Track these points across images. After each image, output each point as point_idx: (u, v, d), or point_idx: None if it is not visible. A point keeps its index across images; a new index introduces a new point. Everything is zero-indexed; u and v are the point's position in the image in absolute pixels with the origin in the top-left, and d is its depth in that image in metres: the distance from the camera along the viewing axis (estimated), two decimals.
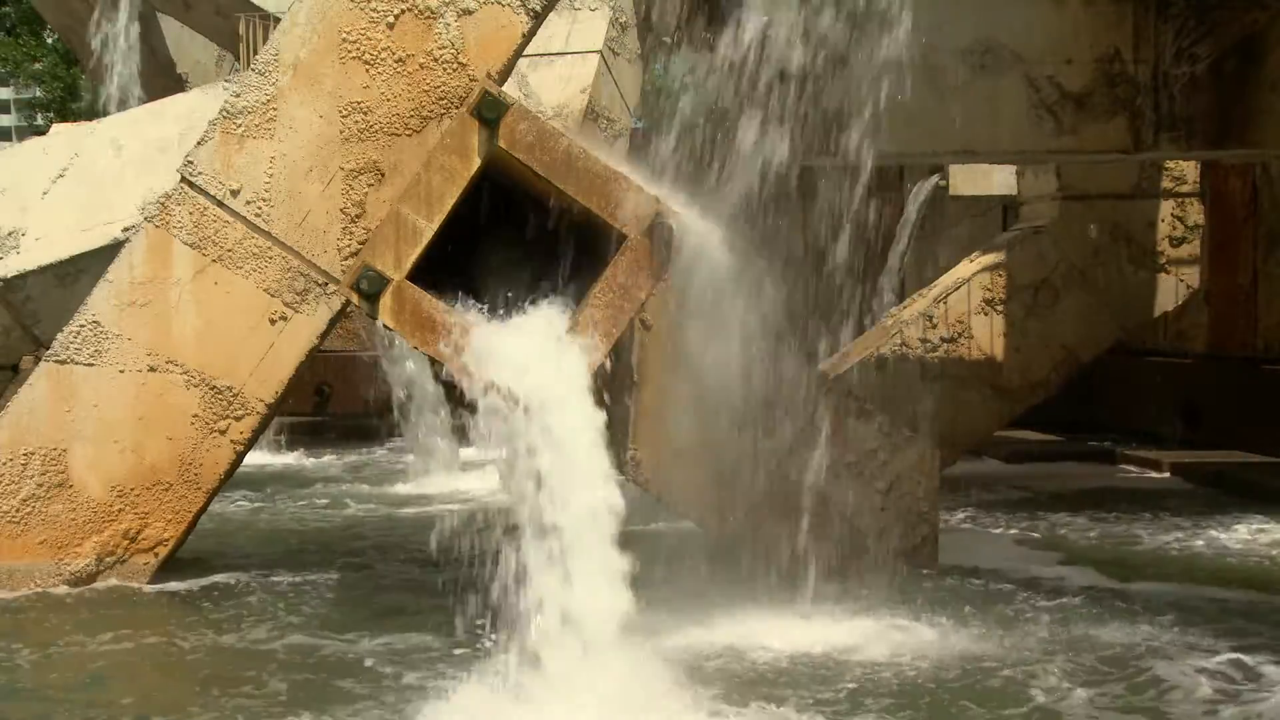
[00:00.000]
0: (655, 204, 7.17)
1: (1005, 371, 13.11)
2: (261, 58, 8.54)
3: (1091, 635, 7.32)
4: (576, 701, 5.86)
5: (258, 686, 6.49)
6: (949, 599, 8.16)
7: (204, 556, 9.18)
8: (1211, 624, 7.54)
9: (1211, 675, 6.52)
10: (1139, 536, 10.51)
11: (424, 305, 7.21)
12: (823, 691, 6.34)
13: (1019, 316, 13.12)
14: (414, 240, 7.32)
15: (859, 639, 7.23)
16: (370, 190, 8.40)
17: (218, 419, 8.50)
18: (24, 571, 8.35)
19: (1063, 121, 10.00)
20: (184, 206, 8.49)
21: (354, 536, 10.53)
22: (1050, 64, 9.97)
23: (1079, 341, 13.26)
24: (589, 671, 5.96)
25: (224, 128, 8.48)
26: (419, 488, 13.34)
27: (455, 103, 8.28)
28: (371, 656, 6.98)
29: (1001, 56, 9.88)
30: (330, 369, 16.90)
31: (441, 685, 6.25)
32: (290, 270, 8.46)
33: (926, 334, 13.05)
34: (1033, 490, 12.84)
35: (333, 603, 8.15)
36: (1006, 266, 13.22)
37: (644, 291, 7.22)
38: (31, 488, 8.40)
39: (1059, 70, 9.97)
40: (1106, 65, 9.98)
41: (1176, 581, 8.79)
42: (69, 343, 8.48)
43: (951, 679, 6.56)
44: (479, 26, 8.36)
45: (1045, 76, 9.98)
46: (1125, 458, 14.63)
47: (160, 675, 6.81)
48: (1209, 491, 12.64)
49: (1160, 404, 15.96)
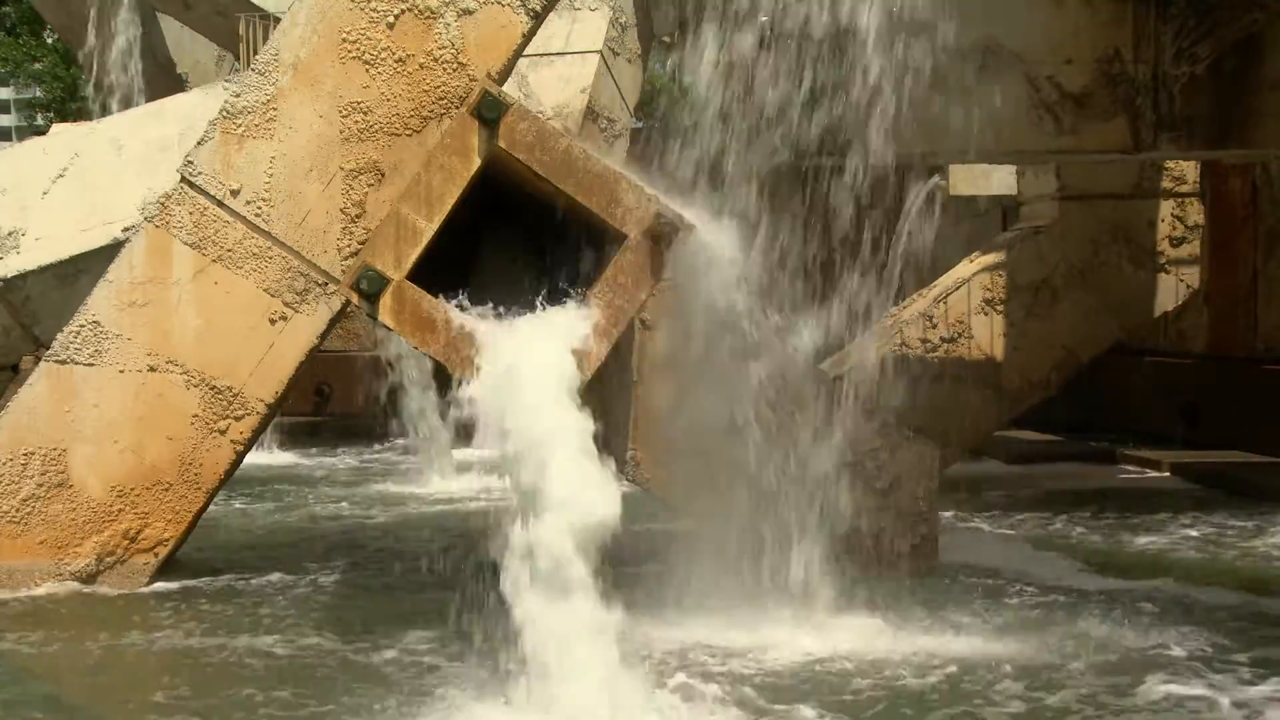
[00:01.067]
0: (655, 204, 7.17)
1: (1005, 371, 13.11)
2: (261, 58, 8.54)
3: (1095, 635, 7.31)
4: (571, 709, 5.85)
5: (257, 688, 6.48)
6: (949, 599, 8.16)
7: (204, 557, 9.18)
8: (1212, 623, 7.54)
9: (1212, 674, 6.52)
10: (1139, 536, 10.50)
11: (424, 305, 7.21)
12: (827, 695, 6.34)
13: (1019, 316, 13.12)
14: (414, 240, 7.31)
15: (859, 639, 7.23)
16: (370, 190, 8.40)
17: (218, 419, 8.50)
18: (24, 571, 8.35)
19: (1063, 121, 10.01)
20: (184, 206, 8.49)
21: (354, 537, 10.53)
22: (1050, 64, 9.98)
23: (1079, 341, 13.27)
24: (584, 676, 5.94)
25: (224, 128, 8.48)
26: (419, 488, 13.34)
27: (455, 103, 8.28)
28: (372, 658, 6.98)
29: (1001, 56, 9.88)
30: (330, 369, 16.90)
31: (442, 690, 6.25)
32: (290, 270, 8.46)
33: (926, 334, 13.05)
34: (1033, 490, 12.84)
35: (333, 604, 8.15)
36: (1006, 266, 13.22)
37: (644, 291, 7.22)
38: (31, 488, 8.40)
39: (1059, 70, 9.98)
40: (1106, 65, 9.99)
41: (1177, 581, 8.78)
42: (69, 343, 8.48)
43: (953, 679, 6.55)
44: (479, 26, 8.36)
45: (1045, 76, 9.99)
46: (1125, 458, 14.63)
47: (159, 676, 6.79)
48: (1209, 491, 12.64)
49: (1160, 404, 15.96)
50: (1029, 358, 13.14)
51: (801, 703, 6.14)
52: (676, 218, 7.15)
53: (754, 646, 7.11)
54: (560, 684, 5.85)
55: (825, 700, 6.22)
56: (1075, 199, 13.33)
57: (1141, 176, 13.40)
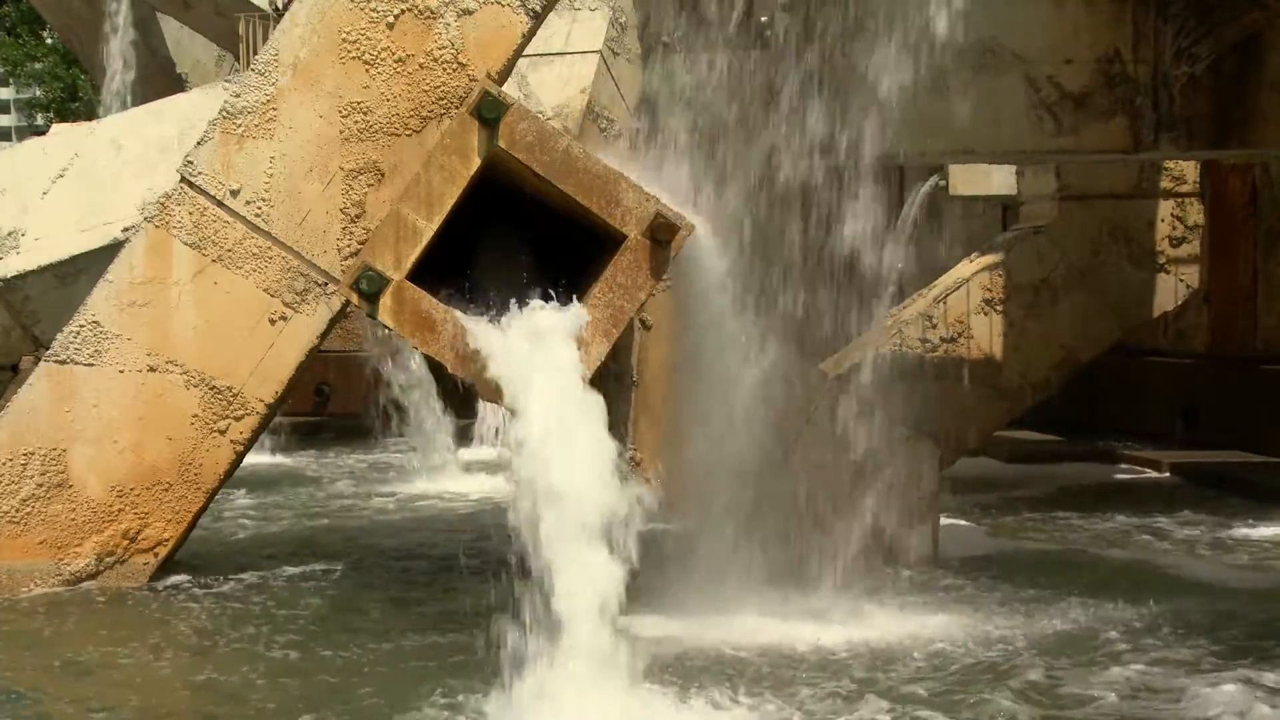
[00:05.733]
0: (654, 204, 7.18)
1: (1005, 371, 13.11)
2: (261, 58, 8.54)
3: (1097, 635, 7.33)
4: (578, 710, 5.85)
5: (256, 689, 6.48)
6: (950, 599, 8.17)
7: (204, 557, 9.17)
8: (1213, 624, 7.54)
9: (1212, 673, 6.53)
10: (1139, 536, 10.52)
11: (424, 305, 7.21)
12: (825, 687, 6.35)
13: (1019, 316, 13.12)
14: (414, 240, 7.32)
15: (859, 640, 7.24)
16: (370, 190, 8.40)
17: (218, 419, 8.50)
18: (24, 571, 8.34)
19: (1063, 121, 10.00)
20: (184, 206, 8.49)
21: (355, 537, 10.53)
22: (1050, 64, 9.97)
23: (1079, 341, 13.27)
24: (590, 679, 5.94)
25: (224, 128, 8.48)
26: (420, 488, 13.34)
27: (455, 103, 8.28)
28: (373, 659, 6.97)
29: (1001, 56, 9.88)
30: (330, 369, 16.90)
31: (448, 690, 6.23)
32: (290, 270, 8.46)
33: (926, 334, 13.05)
34: (1033, 490, 12.84)
35: (333, 605, 8.14)
36: (1006, 266, 13.23)
37: (644, 291, 7.22)
38: (31, 488, 8.40)
39: (1059, 70, 9.98)
40: (1106, 65, 9.98)
41: (1177, 581, 8.80)
42: (69, 343, 8.47)
43: (953, 681, 6.55)
44: (479, 27, 8.36)
45: (1045, 76, 9.99)
46: (1125, 457, 14.64)
47: (158, 677, 6.79)
48: (1209, 491, 12.64)
49: (1160, 404, 15.97)
50: (1029, 358, 13.14)
51: (807, 704, 6.17)
52: (676, 218, 7.15)
53: (756, 644, 7.12)
54: (575, 685, 5.85)
55: (823, 697, 6.23)
56: (1075, 199, 13.33)
57: (1141, 176, 13.40)
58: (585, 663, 5.90)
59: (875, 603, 7.86)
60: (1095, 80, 10.02)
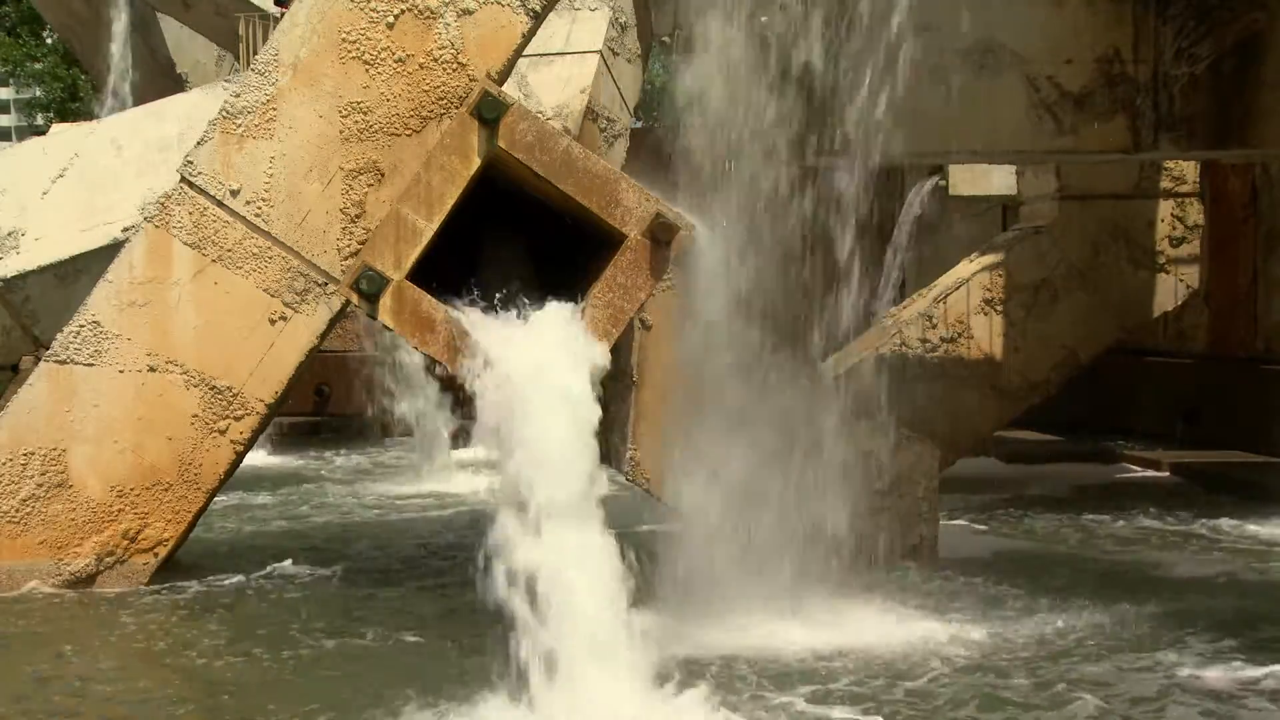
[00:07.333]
0: (654, 204, 7.18)
1: (1005, 371, 13.11)
2: (261, 58, 8.54)
3: (1098, 634, 7.33)
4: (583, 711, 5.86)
5: (256, 689, 6.48)
6: (950, 600, 8.16)
7: (204, 557, 9.17)
8: (1213, 623, 7.54)
9: (1212, 673, 6.53)
10: (1139, 536, 10.51)
11: (424, 305, 7.22)
12: (830, 690, 6.35)
13: (1019, 316, 13.12)
14: (414, 240, 7.33)
15: (859, 639, 7.23)
16: (370, 190, 8.40)
17: (217, 419, 8.50)
18: (24, 571, 8.34)
19: (1063, 121, 10.01)
20: (184, 206, 8.49)
21: (355, 537, 10.52)
22: (1050, 64, 9.99)
23: (1079, 341, 13.27)
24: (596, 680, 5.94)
25: (224, 128, 8.49)
26: (419, 488, 13.34)
27: (455, 103, 8.28)
28: (374, 660, 6.97)
29: (1001, 56, 9.88)
30: (330, 369, 16.90)
31: (449, 690, 6.23)
32: (290, 270, 8.46)
33: (926, 334, 13.05)
34: (1032, 490, 12.84)
35: (333, 605, 8.13)
36: (1006, 266, 13.22)
37: (644, 291, 7.23)
38: (31, 488, 8.40)
39: (1059, 70, 9.98)
40: (1106, 65, 9.99)
41: (1177, 581, 8.79)
42: (69, 343, 8.48)
43: (954, 680, 6.55)
44: (479, 27, 8.36)
45: (1045, 76, 10.00)
46: (1125, 457, 14.64)
47: (157, 677, 6.80)
48: (1209, 491, 12.64)
49: (1160, 404, 15.97)
50: (1029, 358, 13.14)
51: (810, 703, 6.16)
52: (676, 218, 7.15)
53: (757, 645, 7.11)
54: (579, 685, 5.85)
55: (818, 691, 6.23)
56: (1075, 199, 13.33)
57: (1141, 176, 13.40)
58: (586, 663, 5.90)
59: (875, 603, 7.86)
60: (1095, 80, 10.03)
